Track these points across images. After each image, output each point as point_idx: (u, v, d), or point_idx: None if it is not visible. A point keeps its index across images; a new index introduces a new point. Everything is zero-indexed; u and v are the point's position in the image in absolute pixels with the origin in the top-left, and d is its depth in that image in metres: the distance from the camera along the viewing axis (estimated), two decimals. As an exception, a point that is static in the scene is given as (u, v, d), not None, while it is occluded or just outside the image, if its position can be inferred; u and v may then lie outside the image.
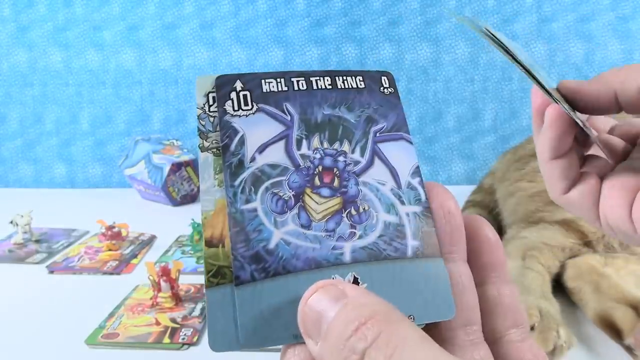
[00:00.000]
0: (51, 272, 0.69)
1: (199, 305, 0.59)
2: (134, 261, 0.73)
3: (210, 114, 0.19)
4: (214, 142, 0.19)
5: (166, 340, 0.51)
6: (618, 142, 0.30)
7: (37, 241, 0.81)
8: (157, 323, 0.54)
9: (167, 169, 1.01)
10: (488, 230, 0.19)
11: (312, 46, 1.15)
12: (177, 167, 1.02)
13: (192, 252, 0.76)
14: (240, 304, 0.17)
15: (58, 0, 1.14)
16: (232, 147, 0.19)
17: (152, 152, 1.04)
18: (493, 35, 0.25)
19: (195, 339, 0.51)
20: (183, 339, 0.51)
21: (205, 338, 0.52)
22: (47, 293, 0.63)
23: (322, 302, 0.16)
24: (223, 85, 0.20)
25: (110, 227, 0.78)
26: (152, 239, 0.83)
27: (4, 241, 0.81)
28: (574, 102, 0.27)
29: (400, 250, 0.18)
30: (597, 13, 1.11)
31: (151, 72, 1.17)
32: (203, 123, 0.19)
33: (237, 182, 0.18)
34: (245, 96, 0.19)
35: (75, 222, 0.90)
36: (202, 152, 0.19)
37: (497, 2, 1.12)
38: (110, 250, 0.76)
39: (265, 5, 1.14)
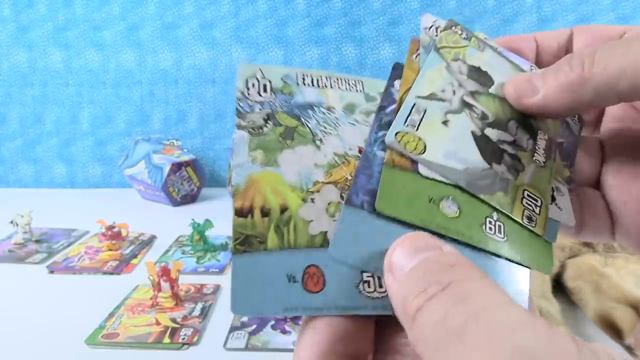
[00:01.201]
0: (51, 272, 0.69)
1: (199, 305, 0.59)
2: (134, 261, 0.73)
3: (249, 97, 0.21)
4: (250, 122, 0.20)
5: (166, 340, 0.51)
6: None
7: (37, 241, 0.81)
8: (157, 323, 0.54)
9: (167, 169, 1.01)
10: None
11: (312, 46, 1.15)
12: (177, 167, 1.02)
13: (192, 252, 0.76)
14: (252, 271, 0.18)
15: (58, 0, 1.14)
16: (387, 110, 0.22)
17: (152, 152, 1.04)
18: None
19: (195, 338, 0.51)
20: (183, 339, 0.51)
21: (205, 338, 0.52)
22: (47, 293, 0.63)
23: (416, 247, 0.17)
24: (396, 68, 0.24)
25: (110, 227, 0.78)
26: (152, 239, 0.83)
27: (4, 241, 0.81)
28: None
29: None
30: (597, 13, 1.11)
31: (151, 72, 1.17)
32: (242, 105, 0.20)
33: (380, 134, 0.21)
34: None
35: (75, 222, 0.90)
36: (238, 129, 0.20)
37: (497, 2, 1.12)
38: (110, 250, 0.76)
39: (265, 5, 1.14)
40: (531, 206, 0.22)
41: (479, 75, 0.24)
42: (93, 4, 1.14)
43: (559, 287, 0.57)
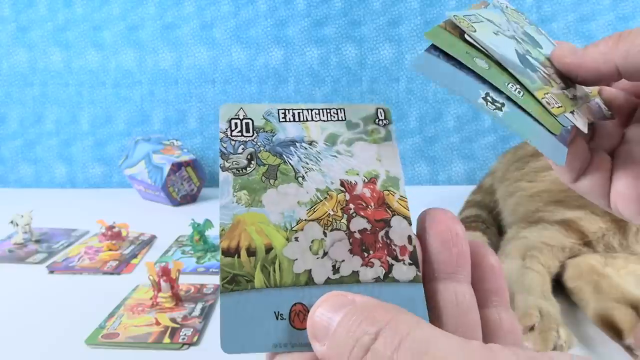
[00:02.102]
0: (51, 272, 0.69)
1: (199, 305, 0.59)
2: (134, 261, 0.73)
3: (232, 137, 0.21)
4: (234, 163, 0.21)
5: (166, 340, 0.51)
6: (622, 97, 0.28)
7: (37, 241, 0.81)
8: (157, 323, 0.54)
9: (167, 169, 1.01)
10: (492, 258, 0.20)
11: (312, 46, 1.15)
12: (177, 167, 1.02)
13: (192, 252, 0.76)
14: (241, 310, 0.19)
15: (58, 0, 1.14)
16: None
17: (152, 152, 1.04)
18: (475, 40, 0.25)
19: (195, 339, 0.51)
20: (183, 339, 0.51)
21: (205, 338, 0.52)
22: (47, 293, 0.63)
23: (332, 308, 0.17)
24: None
25: (111, 227, 0.78)
26: (152, 239, 0.83)
27: (4, 241, 0.81)
28: (569, 76, 0.26)
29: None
30: (597, 13, 1.11)
31: (151, 72, 1.17)
32: (225, 146, 0.21)
33: None
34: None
35: (75, 222, 0.90)
36: (222, 171, 0.21)
37: (497, 2, 1.11)
38: (110, 250, 0.76)
39: (265, 5, 1.14)
40: (551, 102, 0.24)
41: (531, 39, 0.27)
42: (93, 4, 1.14)
43: (559, 287, 0.57)
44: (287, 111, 0.22)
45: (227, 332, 0.18)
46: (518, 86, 0.23)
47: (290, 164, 0.21)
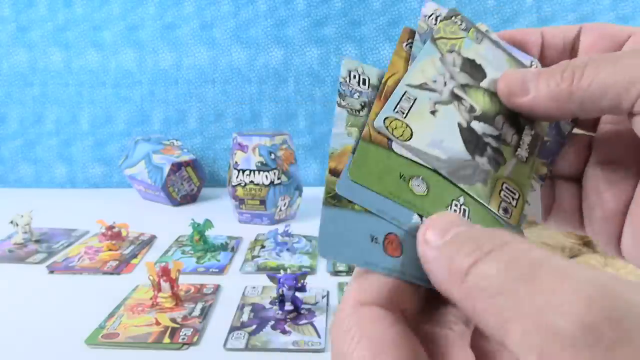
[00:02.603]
0: (51, 272, 0.70)
1: (199, 305, 0.59)
2: (134, 261, 0.73)
3: (350, 84, 0.23)
4: (349, 104, 0.22)
5: (166, 340, 0.51)
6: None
7: (37, 241, 0.81)
8: (157, 323, 0.54)
9: (167, 169, 1.01)
10: None
11: (312, 46, 1.15)
12: (177, 167, 1.02)
13: (192, 252, 0.76)
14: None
15: (58, 0, 1.14)
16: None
17: (152, 152, 1.04)
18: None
19: (195, 339, 0.51)
20: (183, 339, 0.51)
21: (205, 338, 0.52)
22: (47, 293, 0.63)
23: (446, 224, 0.17)
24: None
25: (111, 227, 0.78)
26: (152, 239, 0.83)
27: (4, 241, 0.81)
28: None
29: None
30: (597, 13, 1.11)
31: (151, 72, 1.17)
32: (343, 88, 0.23)
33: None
34: None
35: (75, 222, 0.90)
36: (338, 106, 0.22)
37: (497, 2, 1.12)
38: (110, 250, 0.76)
39: (265, 5, 1.14)
40: (508, 198, 0.23)
41: (472, 68, 0.24)
42: (93, 4, 1.14)
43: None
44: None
45: (324, 239, 0.19)
46: (460, 202, 0.22)
47: None
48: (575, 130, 0.26)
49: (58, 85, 1.17)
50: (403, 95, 0.23)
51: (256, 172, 0.88)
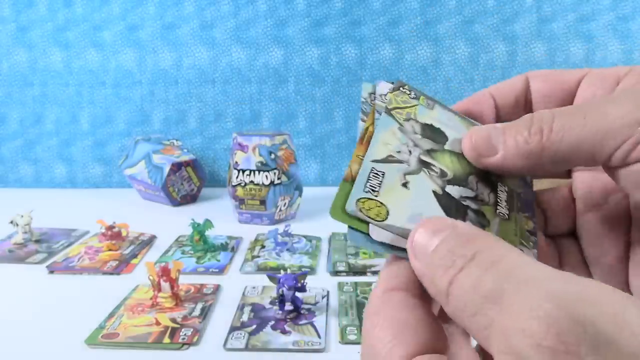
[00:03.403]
0: (51, 272, 0.70)
1: (199, 305, 0.59)
2: (134, 261, 0.73)
3: (370, 103, 0.25)
4: (365, 118, 0.24)
5: (166, 340, 0.51)
6: None
7: (37, 241, 0.81)
8: (157, 323, 0.54)
9: (167, 169, 1.01)
10: None
11: (312, 46, 1.15)
12: (177, 167, 1.02)
13: (192, 252, 0.76)
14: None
15: (58, 0, 1.14)
16: None
17: (152, 152, 1.04)
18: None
19: (195, 339, 0.51)
20: (183, 338, 0.51)
21: (205, 338, 0.52)
22: (47, 293, 0.63)
23: (433, 230, 0.18)
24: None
25: (110, 227, 0.78)
26: (152, 239, 0.83)
27: (4, 241, 0.81)
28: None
29: None
30: (597, 13, 1.11)
31: (151, 72, 1.17)
32: (364, 107, 0.24)
33: None
34: None
35: (75, 222, 0.90)
36: (361, 121, 0.24)
37: (497, 2, 1.12)
38: (110, 250, 0.76)
39: (265, 5, 1.14)
40: None
41: (433, 132, 0.24)
42: (93, 4, 1.14)
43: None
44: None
45: (353, 235, 0.21)
46: None
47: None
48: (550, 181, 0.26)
49: (58, 85, 1.17)
50: (370, 173, 0.22)
51: (256, 172, 0.88)
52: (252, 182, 0.88)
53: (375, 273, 0.69)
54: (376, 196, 0.21)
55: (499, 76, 1.14)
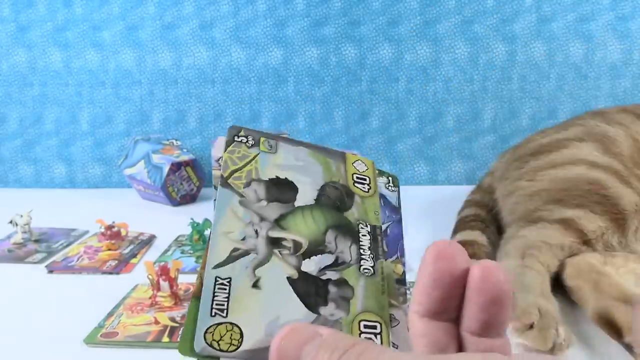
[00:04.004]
0: (50, 271, 0.69)
1: (198, 305, 0.59)
2: (134, 261, 0.73)
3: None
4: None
5: (165, 339, 0.51)
6: None
7: (37, 241, 0.81)
8: (156, 322, 0.54)
9: (166, 168, 1.01)
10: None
11: (312, 46, 1.15)
12: (176, 167, 1.02)
13: (191, 251, 0.76)
14: None
15: (58, 0, 1.14)
16: None
17: (152, 152, 1.04)
18: None
19: (194, 337, 0.51)
20: (182, 337, 0.51)
21: (204, 337, 0.52)
22: (46, 292, 0.63)
23: (300, 340, 0.16)
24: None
25: (110, 227, 0.78)
26: (152, 238, 0.83)
27: (4, 241, 0.81)
28: None
29: None
30: (596, 13, 1.11)
31: (151, 72, 1.17)
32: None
33: None
34: None
35: (74, 222, 0.90)
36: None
37: (497, 2, 1.12)
38: (109, 249, 0.76)
39: (264, 5, 1.14)
40: (370, 337, 0.20)
41: (280, 190, 0.21)
42: (93, 4, 1.15)
43: (558, 285, 0.57)
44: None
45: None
46: None
47: None
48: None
49: (57, 85, 1.17)
50: (215, 286, 0.19)
51: (256, 172, 0.88)
52: (251, 181, 0.88)
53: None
54: (225, 317, 0.19)
55: (499, 76, 1.14)
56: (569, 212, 0.62)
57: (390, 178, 0.24)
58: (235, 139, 0.22)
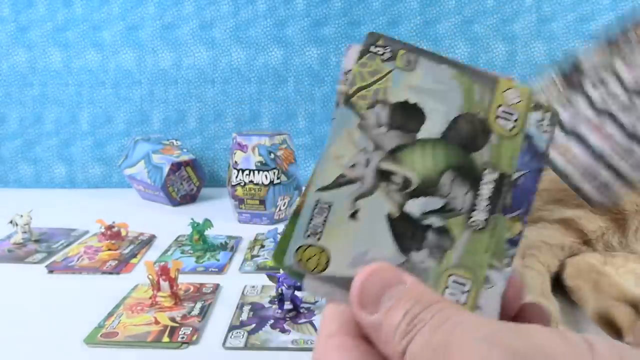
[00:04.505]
0: (50, 271, 0.69)
1: (198, 305, 0.59)
2: (134, 261, 0.73)
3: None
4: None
5: (165, 339, 0.51)
6: None
7: (37, 241, 0.81)
8: (156, 322, 0.54)
9: (166, 168, 1.01)
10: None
11: (312, 46, 1.15)
12: (176, 167, 1.02)
13: (191, 251, 0.76)
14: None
15: (58, 0, 1.14)
16: None
17: (152, 152, 1.04)
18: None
19: (194, 337, 0.51)
20: (182, 337, 0.51)
21: (204, 337, 0.52)
22: (46, 292, 0.63)
23: (383, 282, 0.18)
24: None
25: (110, 227, 0.78)
26: (152, 238, 0.83)
27: (4, 241, 0.81)
28: None
29: None
30: (596, 13, 1.11)
31: (151, 72, 1.17)
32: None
33: None
34: None
35: (74, 222, 0.90)
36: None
37: (497, 1, 1.12)
38: (109, 249, 0.76)
39: (265, 5, 1.14)
40: (456, 294, 0.19)
41: (406, 116, 0.20)
42: (93, 4, 1.15)
43: (558, 285, 0.57)
44: None
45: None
46: None
47: None
48: None
49: (57, 86, 1.18)
50: (315, 208, 0.19)
51: (256, 172, 0.88)
52: (251, 181, 0.88)
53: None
54: (318, 240, 0.19)
55: (499, 76, 1.14)
56: (569, 212, 0.62)
57: (547, 114, 0.20)
58: (371, 49, 0.20)
